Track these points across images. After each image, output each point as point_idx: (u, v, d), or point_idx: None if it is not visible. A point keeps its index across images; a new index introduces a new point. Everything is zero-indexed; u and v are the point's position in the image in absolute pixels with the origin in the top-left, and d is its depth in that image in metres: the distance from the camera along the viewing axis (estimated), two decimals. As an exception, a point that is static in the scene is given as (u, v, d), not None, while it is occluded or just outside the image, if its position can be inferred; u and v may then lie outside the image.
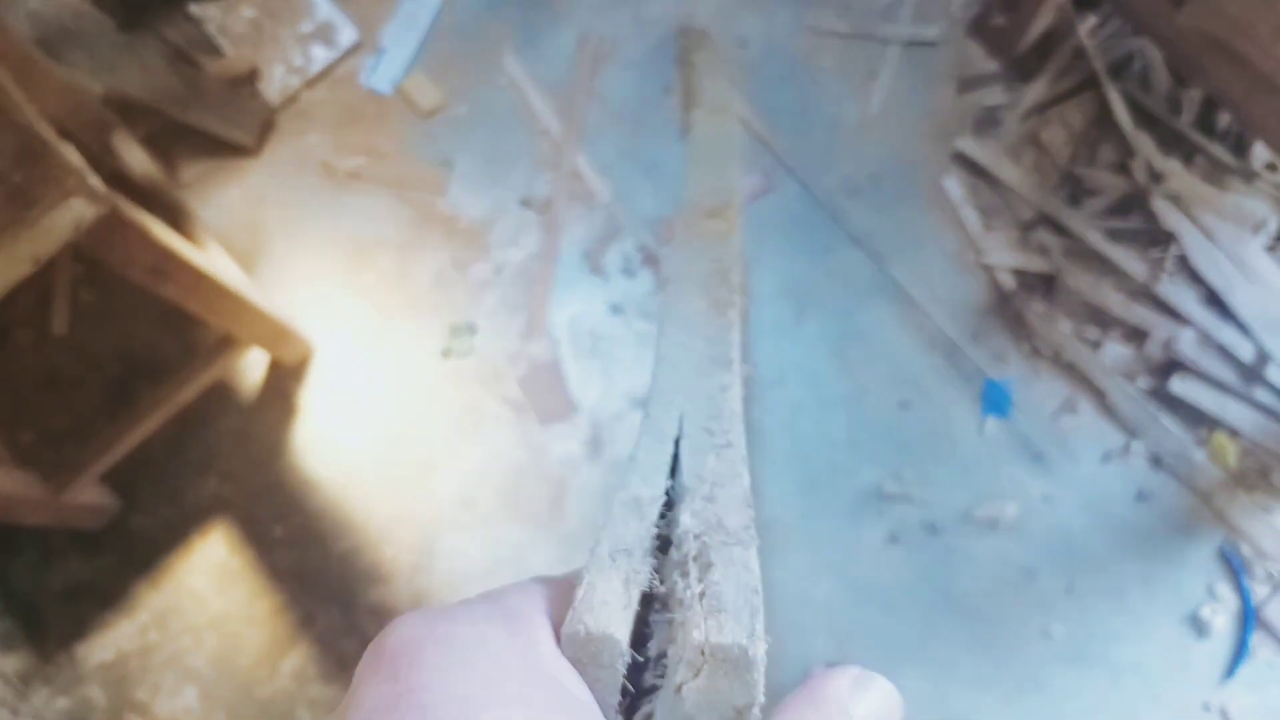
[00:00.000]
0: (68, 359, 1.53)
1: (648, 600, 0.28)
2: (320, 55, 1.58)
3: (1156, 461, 1.43)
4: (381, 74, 1.59)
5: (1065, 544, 1.42)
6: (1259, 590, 1.40)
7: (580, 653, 0.26)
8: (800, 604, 1.42)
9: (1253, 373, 1.42)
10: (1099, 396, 1.45)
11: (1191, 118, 1.50)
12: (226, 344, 1.36)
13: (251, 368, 1.52)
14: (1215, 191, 1.48)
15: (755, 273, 1.53)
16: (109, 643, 1.43)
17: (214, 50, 1.60)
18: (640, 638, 0.28)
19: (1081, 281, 1.46)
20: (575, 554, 1.26)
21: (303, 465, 1.49)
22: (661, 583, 0.29)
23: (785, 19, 1.60)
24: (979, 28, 1.53)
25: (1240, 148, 1.49)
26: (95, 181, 0.93)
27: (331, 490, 1.48)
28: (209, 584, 1.45)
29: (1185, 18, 1.22)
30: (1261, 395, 1.42)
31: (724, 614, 0.26)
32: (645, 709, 0.27)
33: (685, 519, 0.30)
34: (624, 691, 0.27)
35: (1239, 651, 1.37)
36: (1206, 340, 1.43)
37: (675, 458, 0.33)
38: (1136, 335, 1.46)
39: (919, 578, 1.42)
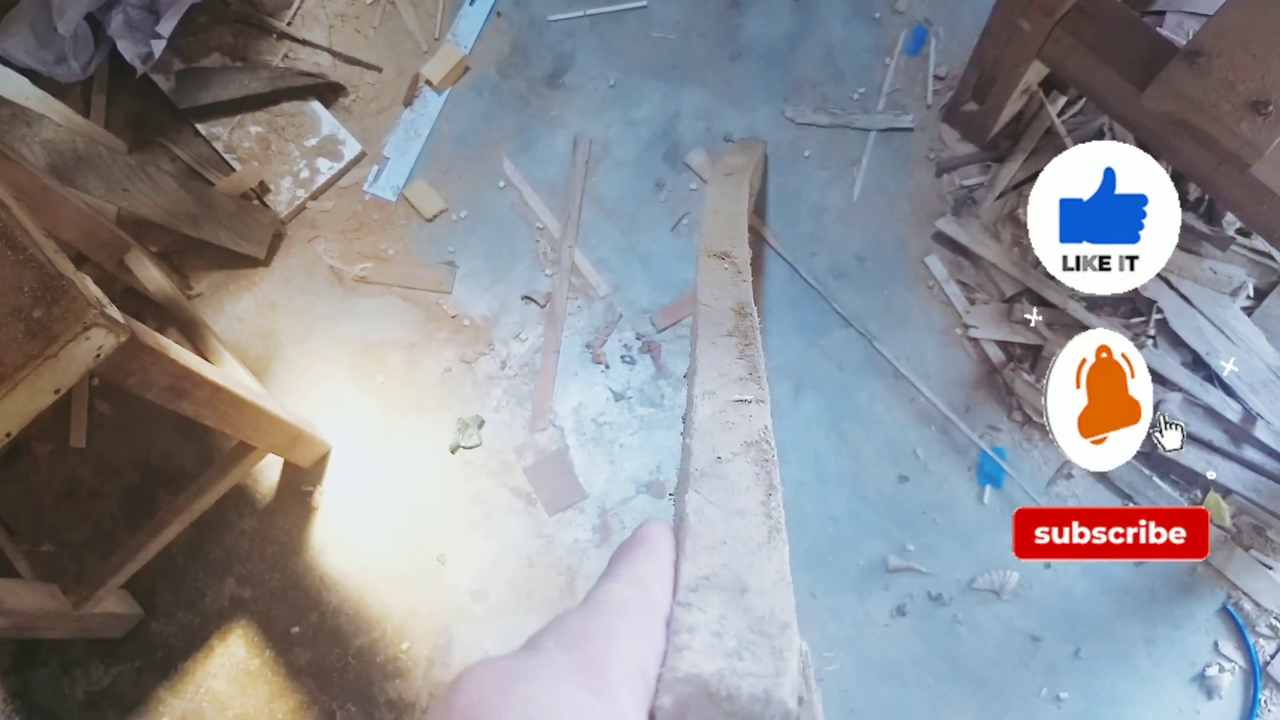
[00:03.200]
0: (86, 470, 1.57)
1: None
2: (326, 167, 1.65)
3: (1153, 524, 1.46)
4: (385, 182, 1.66)
5: (1069, 609, 1.45)
6: (1265, 646, 1.42)
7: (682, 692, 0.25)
8: (812, 681, 1.43)
9: (1241, 432, 1.45)
10: (1092, 462, 1.49)
11: (1162, 189, 1.56)
12: (243, 450, 1.40)
13: (267, 470, 1.56)
14: (1192, 258, 1.53)
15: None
16: (132, 751, 1.45)
17: (224, 166, 1.67)
18: None
19: (1067, 351, 1.50)
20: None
21: (319, 564, 1.52)
22: None
23: (767, 114, 1.67)
24: (951, 114, 1.60)
25: (1212, 216, 1.55)
26: (113, 312, 0.95)
27: (348, 587, 1.50)
28: (229, 686, 1.47)
29: (1148, 101, 1.25)
30: (1250, 454, 1.46)
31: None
32: None
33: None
34: None
35: (1250, 711, 1.38)
36: (1193, 403, 1.48)
37: None
38: (1124, 401, 1.50)
39: (927, 649, 1.44)
